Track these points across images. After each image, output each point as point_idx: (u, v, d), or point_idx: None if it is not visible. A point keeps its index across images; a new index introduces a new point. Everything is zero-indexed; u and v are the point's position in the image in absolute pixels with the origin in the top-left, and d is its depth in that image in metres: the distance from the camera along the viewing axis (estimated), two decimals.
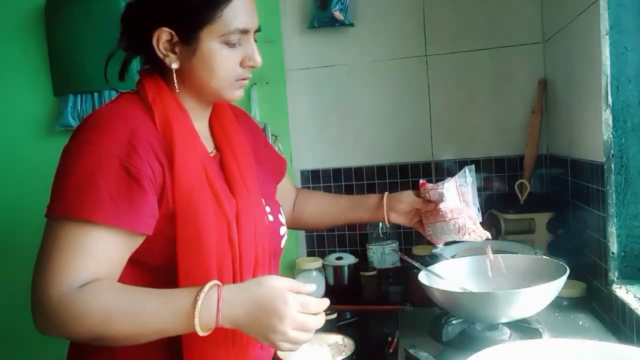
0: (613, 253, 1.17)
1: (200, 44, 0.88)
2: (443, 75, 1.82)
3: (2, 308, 2.00)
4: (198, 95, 0.95)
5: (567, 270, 1.05)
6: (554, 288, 1.03)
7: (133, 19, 0.92)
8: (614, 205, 1.15)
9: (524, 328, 1.11)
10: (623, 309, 1.11)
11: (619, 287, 1.14)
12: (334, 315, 1.39)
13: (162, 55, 0.90)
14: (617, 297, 1.13)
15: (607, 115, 1.14)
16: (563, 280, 1.03)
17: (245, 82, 0.95)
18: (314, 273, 1.71)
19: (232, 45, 0.90)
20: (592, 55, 1.21)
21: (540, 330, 1.09)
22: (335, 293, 1.70)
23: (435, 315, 1.22)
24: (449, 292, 1.11)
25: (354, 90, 1.88)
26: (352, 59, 1.88)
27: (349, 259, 1.76)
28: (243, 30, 0.90)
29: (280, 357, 1.15)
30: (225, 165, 0.97)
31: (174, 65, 0.90)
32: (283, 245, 1.05)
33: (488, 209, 1.66)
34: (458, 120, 1.83)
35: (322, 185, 1.93)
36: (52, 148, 1.21)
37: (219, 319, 0.78)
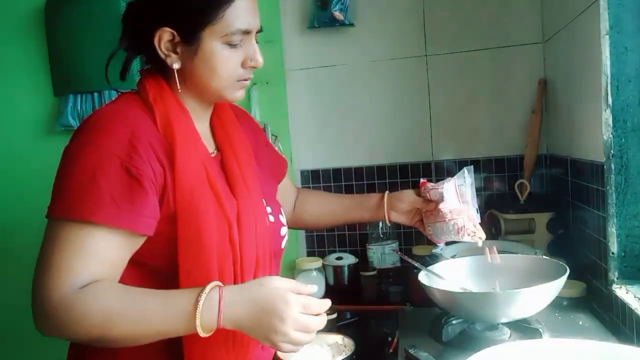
0: (613, 253, 1.17)
1: (202, 44, 0.88)
2: (443, 75, 1.82)
3: (2, 308, 2.00)
4: (199, 96, 0.95)
5: (567, 270, 1.05)
6: (554, 288, 1.03)
7: (134, 19, 0.92)
8: (614, 205, 1.15)
9: (524, 328, 1.11)
10: (623, 309, 1.11)
11: (619, 287, 1.14)
12: (334, 315, 1.39)
13: (163, 56, 0.89)
14: (617, 297, 1.13)
15: (607, 115, 1.14)
16: (563, 280, 1.03)
17: (247, 82, 0.95)
18: (314, 273, 1.72)
19: (233, 46, 0.90)
20: (592, 55, 1.21)
21: (540, 330, 1.09)
22: (335, 293, 1.70)
23: (435, 315, 1.22)
24: (449, 292, 1.11)
25: (354, 90, 1.88)
26: (352, 59, 1.88)
27: (349, 259, 1.76)
28: (245, 31, 0.90)
29: (280, 357, 1.15)
30: (226, 166, 0.97)
31: (176, 66, 0.90)
32: (284, 246, 1.05)
33: (488, 209, 1.66)
34: (458, 120, 1.83)
35: (322, 185, 1.93)
36: (52, 148, 1.21)
37: (220, 320, 0.78)
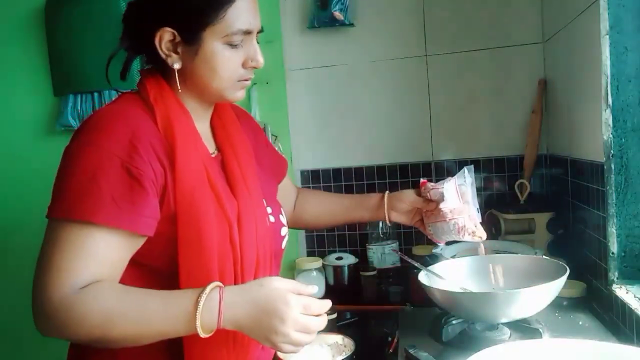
0: (613, 253, 1.17)
1: (203, 45, 0.88)
2: (443, 75, 1.82)
3: (2, 308, 2.00)
4: (200, 96, 0.95)
5: (567, 270, 1.05)
6: (554, 288, 1.03)
7: (135, 19, 0.92)
8: (614, 205, 1.15)
9: (524, 328, 1.11)
10: (623, 309, 1.11)
11: (619, 287, 1.14)
12: (334, 315, 1.39)
13: (164, 56, 0.89)
14: (617, 297, 1.13)
15: (607, 115, 1.14)
16: (563, 280, 1.03)
17: (247, 82, 0.95)
18: (314, 273, 1.72)
19: (234, 46, 0.90)
20: (592, 55, 1.21)
21: (540, 330, 1.09)
22: (335, 293, 1.70)
23: (435, 315, 1.22)
24: (449, 292, 1.11)
25: (354, 90, 1.88)
26: (352, 59, 1.88)
27: (349, 259, 1.76)
28: (246, 31, 0.90)
29: (280, 357, 1.15)
30: (227, 166, 0.96)
31: (176, 66, 0.90)
32: (284, 246, 1.05)
33: (488, 209, 1.66)
34: (458, 120, 1.83)
35: (322, 185, 1.93)
36: (52, 148, 1.22)
37: (221, 321, 0.78)
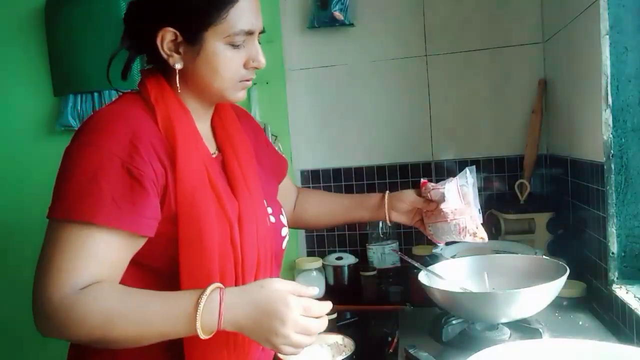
0: (613, 253, 1.17)
1: (205, 45, 0.88)
2: (443, 75, 1.82)
3: (2, 308, 2.00)
4: (201, 96, 0.95)
5: (567, 270, 1.05)
6: (554, 288, 1.03)
7: (136, 19, 0.92)
8: (614, 205, 1.15)
9: (524, 328, 1.11)
10: (623, 309, 1.11)
11: (619, 287, 1.15)
12: (334, 315, 1.39)
13: (165, 56, 0.89)
14: (617, 297, 1.13)
15: (607, 115, 1.14)
16: (563, 280, 1.03)
17: (249, 83, 0.95)
18: (314, 273, 1.72)
19: (236, 47, 0.89)
20: (592, 55, 1.21)
21: (540, 330, 1.09)
22: (335, 293, 1.70)
23: (435, 315, 1.22)
24: (449, 292, 1.11)
25: (354, 90, 1.88)
26: (352, 59, 1.88)
27: (349, 259, 1.76)
28: (248, 32, 0.89)
29: (280, 358, 1.15)
30: (228, 167, 0.96)
31: (178, 66, 0.89)
32: (284, 247, 1.05)
33: (488, 209, 1.66)
34: (458, 120, 1.83)
35: (322, 185, 1.93)
36: (52, 148, 1.22)
37: (221, 322, 0.77)
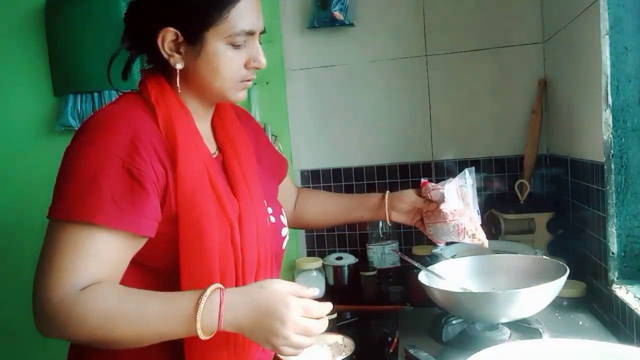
0: (613, 253, 1.17)
1: (206, 45, 0.88)
2: (443, 75, 1.82)
3: (1, 308, 2.00)
4: (201, 96, 0.95)
5: (567, 270, 1.05)
6: (554, 288, 1.03)
7: (137, 18, 0.92)
8: (614, 205, 1.15)
9: (524, 328, 1.11)
10: (623, 309, 1.11)
11: (619, 287, 1.15)
12: (334, 315, 1.39)
13: (166, 56, 0.89)
14: (617, 297, 1.14)
15: (607, 115, 1.14)
16: (563, 280, 1.03)
17: (249, 83, 0.95)
18: (314, 273, 1.72)
19: (237, 47, 0.89)
20: (592, 55, 1.21)
21: (540, 330, 1.09)
22: (335, 293, 1.70)
23: (435, 315, 1.22)
24: (449, 292, 1.11)
25: (354, 90, 1.88)
26: (352, 59, 1.88)
27: (349, 259, 1.76)
28: (249, 32, 0.89)
29: (280, 358, 1.15)
30: (228, 167, 0.96)
31: (179, 66, 0.89)
32: (285, 247, 1.05)
33: (488, 209, 1.66)
34: (458, 120, 1.83)
35: (322, 185, 1.93)
36: (52, 148, 1.22)
37: (221, 323, 0.77)
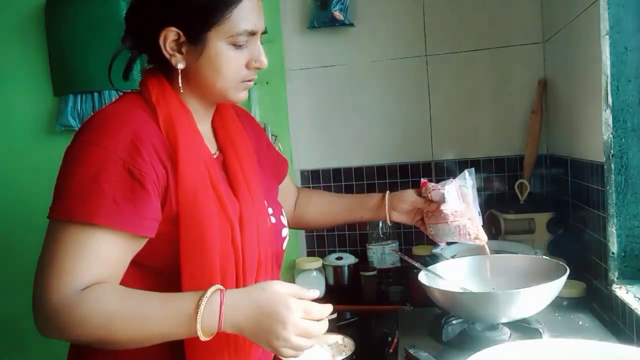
0: (613, 253, 1.17)
1: (208, 45, 0.88)
2: (443, 75, 1.82)
3: (1, 308, 2.00)
4: (203, 96, 0.95)
5: (567, 270, 1.05)
6: (554, 288, 1.03)
7: (138, 18, 0.92)
8: (614, 205, 1.15)
9: (524, 328, 1.11)
10: (623, 309, 1.11)
11: (619, 287, 1.14)
12: (334, 316, 1.39)
13: (168, 55, 0.89)
14: (617, 297, 1.13)
15: (607, 115, 1.14)
16: (563, 280, 1.03)
17: (250, 83, 0.94)
18: (314, 273, 1.72)
19: (239, 47, 0.89)
20: (592, 55, 1.21)
21: (540, 330, 1.09)
22: (335, 293, 1.70)
23: (435, 315, 1.22)
24: (449, 292, 1.11)
25: (354, 90, 1.89)
26: (352, 59, 1.88)
27: (349, 259, 1.76)
28: (251, 32, 0.89)
29: (280, 358, 1.15)
30: (228, 167, 0.96)
31: (180, 66, 0.89)
32: (285, 247, 1.05)
33: (488, 209, 1.66)
34: (458, 120, 1.83)
35: (322, 185, 1.93)
36: (52, 148, 1.22)
37: (222, 324, 0.77)
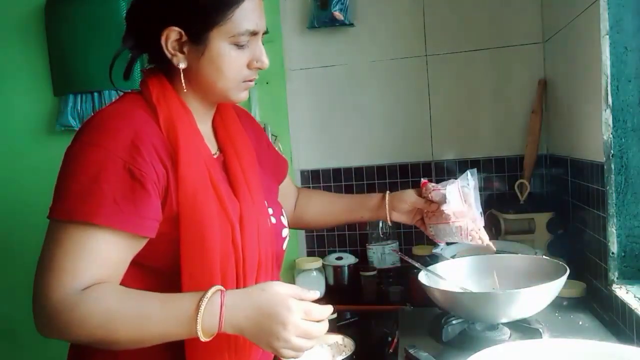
0: (613, 253, 1.17)
1: (209, 45, 0.88)
2: (443, 75, 1.82)
3: (1, 308, 2.00)
4: (204, 96, 0.95)
5: (567, 270, 1.05)
6: (554, 288, 1.03)
7: (140, 18, 0.91)
8: (614, 205, 1.15)
9: (524, 328, 1.11)
10: (623, 309, 1.11)
11: (619, 287, 1.14)
12: (334, 316, 1.39)
13: (169, 55, 0.89)
14: (617, 297, 1.13)
15: (607, 115, 1.14)
16: (563, 280, 1.03)
17: (251, 83, 0.94)
18: (314, 273, 1.72)
19: (240, 47, 0.89)
20: (592, 55, 1.21)
21: (540, 330, 1.09)
22: (335, 293, 1.70)
23: (435, 315, 1.22)
24: (449, 292, 1.11)
25: (354, 90, 1.89)
26: (352, 59, 1.88)
27: (349, 259, 1.76)
28: (253, 32, 0.89)
29: (281, 358, 1.14)
30: (229, 167, 0.96)
31: (182, 65, 0.89)
32: (285, 248, 1.05)
33: (488, 209, 1.66)
34: (458, 120, 1.83)
35: (322, 185, 1.93)
36: (52, 148, 1.22)
37: (222, 325, 0.77)
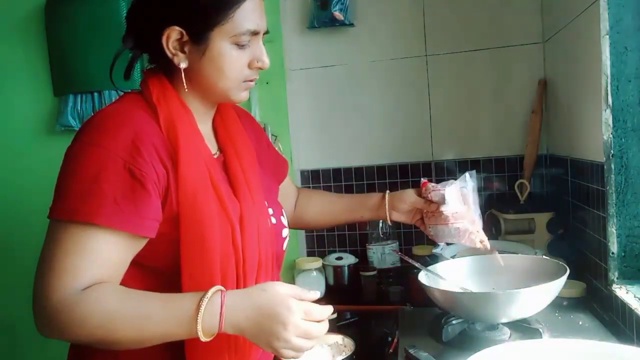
0: (613, 253, 1.17)
1: (210, 44, 0.88)
2: (443, 75, 1.82)
3: (1, 308, 2.00)
4: (204, 96, 0.95)
5: (567, 270, 1.05)
6: (554, 288, 1.03)
7: (140, 18, 0.91)
8: (614, 205, 1.15)
9: (524, 328, 1.11)
10: (623, 309, 1.11)
11: (619, 287, 1.14)
12: (334, 316, 1.39)
13: (170, 55, 0.88)
14: (617, 297, 1.13)
15: (607, 115, 1.14)
16: (563, 280, 1.03)
17: (252, 83, 0.94)
18: (314, 273, 1.72)
19: (241, 47, 0.89)
20: (592, 55, 1.21)
21: (540, 330, 1.09)
22: (335, 293, 1.70)
23: (435, 315, 1.22)
24: (449, 292, 1.11)
25: (354, 90, 1.89)
26: (352, 59, 1.88)
27: (349, 259, 1.76)
28: (254, 32, 0.89)
29: (281, 358, 1.14)
30: (229, 167, 0.96)
31: (183, 65, 0.89)
32: (285, 248, 1.05)
33: (488, 209, 1.66)
34: (458, 120, 1.83)
35: (322, 185, 1.93)
36: (52, 148, 1.22)
37: (222, 325, 0.77)
